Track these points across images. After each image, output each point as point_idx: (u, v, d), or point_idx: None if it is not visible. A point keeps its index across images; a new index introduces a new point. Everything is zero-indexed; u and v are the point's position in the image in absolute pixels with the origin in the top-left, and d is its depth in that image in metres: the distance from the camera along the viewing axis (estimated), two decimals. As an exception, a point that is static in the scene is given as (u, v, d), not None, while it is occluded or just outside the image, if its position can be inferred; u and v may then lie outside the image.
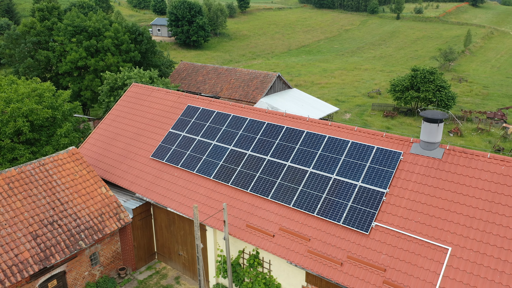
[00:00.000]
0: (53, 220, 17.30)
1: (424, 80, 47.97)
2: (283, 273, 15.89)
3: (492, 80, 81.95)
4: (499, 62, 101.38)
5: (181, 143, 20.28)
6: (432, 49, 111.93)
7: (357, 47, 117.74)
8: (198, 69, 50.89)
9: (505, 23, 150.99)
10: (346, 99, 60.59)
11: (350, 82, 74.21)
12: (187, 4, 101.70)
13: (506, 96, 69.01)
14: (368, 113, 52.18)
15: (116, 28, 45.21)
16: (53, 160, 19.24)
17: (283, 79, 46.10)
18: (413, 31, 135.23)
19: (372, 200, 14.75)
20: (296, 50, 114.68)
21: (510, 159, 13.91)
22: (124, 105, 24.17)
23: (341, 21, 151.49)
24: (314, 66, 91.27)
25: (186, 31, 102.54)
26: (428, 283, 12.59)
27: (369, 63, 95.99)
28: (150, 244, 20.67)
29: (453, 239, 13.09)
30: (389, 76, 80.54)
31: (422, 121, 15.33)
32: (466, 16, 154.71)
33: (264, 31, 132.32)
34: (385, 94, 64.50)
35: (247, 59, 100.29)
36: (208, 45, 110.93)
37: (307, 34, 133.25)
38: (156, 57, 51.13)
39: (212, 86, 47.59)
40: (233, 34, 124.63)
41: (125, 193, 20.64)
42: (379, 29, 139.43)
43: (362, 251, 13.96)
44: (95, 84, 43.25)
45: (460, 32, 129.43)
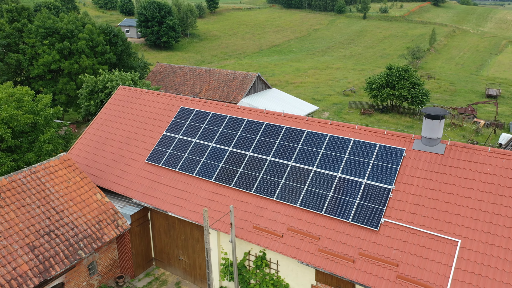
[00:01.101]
0: (49, 230, 16.59)
1: (399, 78, 49.24)
2: (291, 273, 15.89)
3: (458, 76, 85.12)
4: (463, 59, 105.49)
5: (177, 146, 19.92)
6: (399, 48, 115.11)
7: (327, 46, 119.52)
8: (175, 70, 50.18)
9: (465, 21, 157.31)
10: (322, 98, 61.38)
11: (324, 81, 75.21)
12: (157, 4, 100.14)
13: (472, 92, 71.84)
14: (346, 111, 53.04)
15: (90, 29, 43.96)
16: (45, 167, 18.46)
17: (263, 79, 46.19)
18: (380, 30, 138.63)
19: (379, 197, 14.99)
20: (267, 50, 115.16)
21: (509, 153, 14.47)
22: (112, 109, 23.49)
23: (310, 20, 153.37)
24: (287, 65, 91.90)
25: (156, 32, 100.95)
26: (441, 275, 12.92)
27: (340, 62, 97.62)
28: (148, 250, 20.20)
29: (462, 232, 13.49)
30: (361, 75, 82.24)
31: (423, 118, 15.70)
32: (429, 15, 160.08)
33: (234, 32, 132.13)
34: (359, 92, 65.79)
35: (219, 60, 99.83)
36: (179, 46, 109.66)
37: (277, 34, 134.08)
38: (132, 59, 50.10)
39: (191, 88, 47.06)
40: (203, 35, 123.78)
41: (120, 199, 20.08)
42: (347, 29, 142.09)
43: (373, 248, 14.16)
44: (70, 88, 41.89)
45: (424, 31, 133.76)
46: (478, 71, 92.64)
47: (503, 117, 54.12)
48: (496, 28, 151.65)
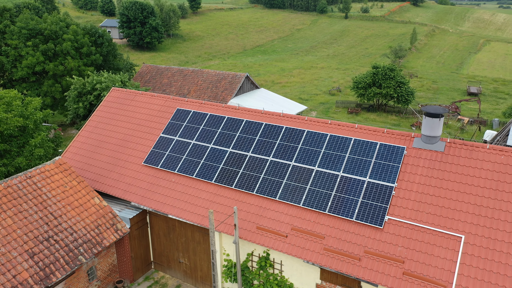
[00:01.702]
0: (48, 235, 16.24)
1: (385, 77, 49.91)
2: (295, 273, 15.94)
3: (439, 75, 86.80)
4: (443, 58, 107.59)
5: (175, 148, 19.75)
6: (381, 47, 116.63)
7: (310, 46, 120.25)
8: (162, 71, 49.72)
9: (444, 21, 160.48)
10: (309, 98, 61.75)
11: (309, 81, 75.67)
12: (139, 5, 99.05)
13: (454, 90, 73.33)
14: (333, 111, 53.48)
15: (74, 30, 43.18)
16: (40, 172, 18.07)
17: (251, 79, 46.17)
18: (362, 29, 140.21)
19: (382, 195, 15.16)
20: (251, 50, 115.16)
21: (507, 149, 14.83)
22: (105, 111, 23.13)
23: (292, 20, 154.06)
24: (272, 65, 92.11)
25: (139, 33, 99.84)
26: (446, 271, 13.15)
27: (324, 61, 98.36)
28: (147, 253, 19.97)
29: (465, 227, 13.76)
30: (345, 74, 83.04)
31: (423, 116, 15.96)
32: (409, 15, 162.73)
33: (217, 32, 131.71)
34: (345, 91, 66.42)
35: (204, 60, 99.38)
36: (162, 47, 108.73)
37: (260, 34, 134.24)
38: (117, 60, 49.43)
39: (178, 89, 46.71)
40: (186, 35, 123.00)
41: (118, 203, 19.79)
42: (329, 28, 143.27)
43: (378, 245, 14.31)
44: (55, 90, 41.06)
45: (405, 30, 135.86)
46: (458, 70, 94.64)
47: (485, 114, 55.43)
48: (473, 27, 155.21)
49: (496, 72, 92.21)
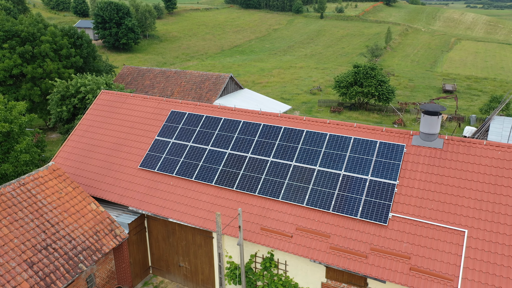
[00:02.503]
0: (46, 244, 15.74)
1: (366, 76, 50.69)
2: (300, 272, 15.99)
3: (415, 73, 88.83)
4: (417, 56, 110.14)
5: (171, 151, 19.49)
6: (357, 46, 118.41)
7: (287, 46, 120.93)
8: (144, 73, 48.99)
9: (416, 20, 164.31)
10: (291, 97, 62.08)
11: (289, 80, 76.09)
12: (114, 5, 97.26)
13: (430, 88, 75.19)
14: (316, 110, 53.96)
15: (52, 31, 42.05)
16: (34, 178, 17.50)
17: (235, 80, 46.09)
18: (337, 29, 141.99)
19: (384, 193, 15.40)
20: (229, 51, 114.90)
21: (504, 145, 15.32)
22: (96, 114, 22.61)
23: (269, 20, 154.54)
24: (251, 66, 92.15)
25: (114, 34, 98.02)
26: (452, 265, 13.47)
27: (302, 61, 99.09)
28: (145, 258, 19.63)
29: (467, 222, 14.13)
30: (324, 73, 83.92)
31: (421, 114, 16.29)
32: (382, 14, 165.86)
33: (194, 32, 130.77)
34: (325, 90, 67.12)
35: (182, 61, 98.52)
36: (138, 48, 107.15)
37: (237, 34, 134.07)
38: (97, 62, 48.41)
39: (161, 90, 46.13)
40: (163, 36, 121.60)
41: (114, 208, 19.38)
42: (305, 28, 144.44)
43: (384, 242, 14.53)
44: (34, 93, 39.85)
45: (379, 30, 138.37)
46: (433, 68, 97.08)
47: (461, 111, 57.07)
48: (444, 27, 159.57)
49: (468, 70, 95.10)
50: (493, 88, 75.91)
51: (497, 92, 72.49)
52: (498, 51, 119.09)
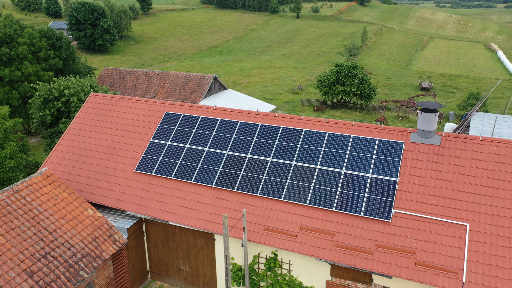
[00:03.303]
0: (45, 252, 15.28)
1: (348, 75, 51.36)
2: (305, 271, 16.07)
3: (392, 71, 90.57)
4: (393, 55, 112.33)
5: (168, 153, 19.24)
6: (334, 46, 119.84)
7: (265, 46, 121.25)
8: (125, 75, 48.19)
9: (389, 20, 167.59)
10: (273, 97, 62.27)
11: (270, 80, 76.30)
12: (89, 6, 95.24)
13: (407, 85, 76.81)
14: (299, 109, 54.32)
15: (30, 33, 40.83)
16: (27, 185, 16.96)
17: (219, 80, 45.91)
18: (314, 29, 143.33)
19: (386, 190, 15.64)
20: (207, 51, 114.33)
21: (499, 140, 15.81)
22: (86, 117, 22.08)
23: (245, 21, 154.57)
24: (230, 66, 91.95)
25: (90, 35, 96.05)
26: (456, 258, 13.81)
27: (281, 61, 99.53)
28: (143, 263, 19.31)
29: (468, 216, 14.51)
30: (304, 72, 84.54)
31: (419, 111, 16.61)
32: (357, 14, 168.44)
33: (171, 33, 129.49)
34: (306, 89, 67.64)
35: (160, 62, 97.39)
36: (115, 49, 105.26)
37: (214, 34, 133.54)
38: (76, 64, 47.30)
39: (144, 92, 45.48)
40: (139, 37, 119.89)
41: (111, 213, 18.98)
42: (282, 28, 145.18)
43: (388, 238, 14.76)
44: (12, 97, 38.59)
45: (355, 29, 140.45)
46: (408, 66, 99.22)
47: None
48: (417, 26, 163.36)
49: (442, 67, 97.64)
50: (467, 85, 78.16)
51: (471, 89, 74.68)
52: (469, 49, 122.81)
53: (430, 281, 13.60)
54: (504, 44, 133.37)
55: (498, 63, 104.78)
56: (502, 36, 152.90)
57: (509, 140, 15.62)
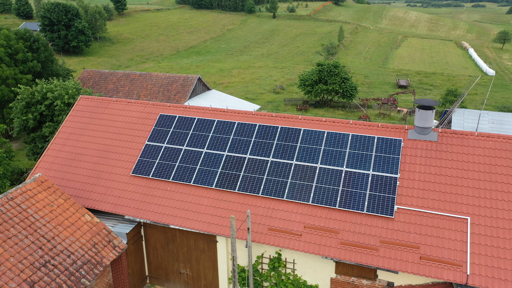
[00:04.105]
0: (45, 261, 14.81)
1: (330, 74, 51.90)
2: (309, 270, 16.15)
3: (369, 70, 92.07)
4: (369, 53, 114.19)
5: (165, 155, 18.96)
6: (311, 45, 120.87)
7: (243, 46, 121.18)
8: (106, 77, 47.24)
9: (364, 19, 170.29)
10: (255, 97, 62.30)
11: (251, 80, 76.31)
12: (62, 6, 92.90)
13: (385, 83, 78.25)
14: (283, 108, 54.53)
15: (6, 35, 39.51)
16: (22, 192, 16.39)
17: (203, 81, 45.60)
18: (290, 28, 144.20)
19: (388, 186, 15.88)
20: (185, 52, 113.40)
21: (493, 135, 16.28)
22: (76, 121, 21.52)
23: (222, 21, 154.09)
24: (209, 66, 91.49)
25: (64, 36, 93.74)
26: (459, 251, 14.15)
27: (260, 61, 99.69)
28: (142, 268, 18.98)
29: (468, 210, 14.89)
30: (284, 72, 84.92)
31: (416, 109, 16.94)
32: (332, 13, 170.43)
33: (147, 34, 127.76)
34: (288, 89, 67.97)
35: (137, 63, 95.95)
36: (90, 51, 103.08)
37: (191, 35, 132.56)
38: (55, 66, 46.09)
39: (127, 94, 44.69)
40: (114, 38, 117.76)
41: (108, 218, 18.57)
42: (259, 28, 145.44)
43: (392, 234, 14.99)
44: (-11, 101, 37.27)
45: (331, 29, 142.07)
46: (384, 64, 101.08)
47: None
48: (391, 25, 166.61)
49: (416, 65, 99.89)
50: (442, 82, 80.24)
51: (446, 86, 76.65)
52: (442, 47, 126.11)
53: (436, 274, 13.88)
54: (474, 42, 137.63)
55: (470, 60, 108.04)
56: (472, 34, 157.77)
57: (504, 135, 16.12)
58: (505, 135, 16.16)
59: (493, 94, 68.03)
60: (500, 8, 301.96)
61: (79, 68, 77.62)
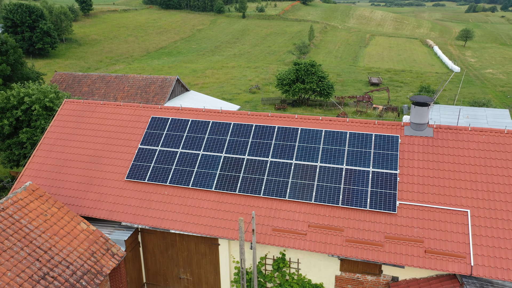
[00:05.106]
0: (43, 273, 14.14)
1: (307, 73, 52.36)
2: (314, 269, 16.18)
3: (341, 68, 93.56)
4: (339, 52, 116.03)
5: (160, 159, 18.52)
6: (282, 44, 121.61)
7: (214, 46, 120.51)
8: (80, 79, 45.80)
9: (332, 18, 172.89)
10: (232, 97, 62.06)
11: (225, 80, 75.97)
12: (26, 7, 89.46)
13: (357, 81, 79.73)
14: (261, 108, 54.56)
15: (-28, 37, 37.66)
16: (13, 201, 15.60)
17: (182, 82, 44.99)
18: (260, 28, 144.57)
19: (388, 182, 16.11)
20: (155, 53, 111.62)
21: (486, 129, 16.83)
22: (62, 126, 20.70)
23: (191, 21, 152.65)
24: (182, 67, 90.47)
25: (28, 38, 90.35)
26: (462, 243, 14.53)
27: (233, 61, 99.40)
28: (139, 275, 18.47)
29: (467, 202, 15.32)
30: (257, 72, 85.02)
31: (412, 105, 17.27)
32: (301, 13, 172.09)
33: (115, 35, 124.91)
34: (264, 88, 68.07)
35: (107, 65, 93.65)
36: (56, 53, 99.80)
37: (161, 35, 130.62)
38: (24, 69, 44.31)
39: (103, 97, 43.49)
40: (81, 39, 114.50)
41: (103, 225, 17.94)
42: (229, 28, 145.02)
43: (396, 229, 15.22)
44: (-43, 107, 35.29)
45: (300, 28, 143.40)
46: (355, 63, 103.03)
47: (391, 101, 61.33)
48: (358, 24, 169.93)
49: (386, 63, 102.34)
50: (411, 79, 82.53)
51: (415, 82, 78.88)
52: (408, 45, 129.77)
53: (441, 267, 14.20)
54: (438, 40, 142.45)
55: (435, 57, 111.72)
56: (435, 33, 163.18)
57: (495, 129, 16.68)
58: (497, 129, 16.73)
59: (459, 90, 70.56)
60: (459, 7, 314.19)
61: (47, 71, 74.90)
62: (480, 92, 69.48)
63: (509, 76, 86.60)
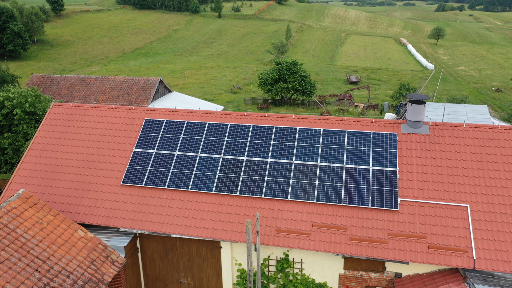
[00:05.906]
0: (44, 284, 13.62)
1: (289, 72, 52.54)
2: (317, 268, 16.20)
3: (319, 67, 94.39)
4: (316, 51, 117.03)
5: (157, 162, 18.16)
6: (259, 44, 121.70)
7: (191, 46, 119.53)
8: (58, 82, 44.55)
9: (307, 18, 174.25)
10: (213, 97, 61.67)
11: (205, 81, 75.43)
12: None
13: (336, 80, 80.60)
14: (244, 108, 54.41)
15: None
16: (7, 211, 14.97)
17: (164, 83, 44.38)
18: (237, 28, 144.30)
19: (389, 180, 16.29)
20: (131, 53, 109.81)
21: (480, 125, 17.24)
22: (51, 130, 20.03)
23: (166, 21, 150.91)
24: (160, 68, 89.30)
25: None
26: (463, 238, 14.83)
27: (211, 61, 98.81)
28: (138, 282, 18.06)
29: (467, 197, 15.65)
30: (237, 71, 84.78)
31: (408, 103, 17.52)
32: (277, 13, 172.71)
33: (88, 36, 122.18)
34: (245, 88, 67.92)
35: (82, 67, 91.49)
36: (28, 55, 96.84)
37: (136, 36, 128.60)
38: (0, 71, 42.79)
39: (83, 99, 42.45)
40: (54, 41, 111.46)
41: (100, 231, 17.44)
42: (206, 28, 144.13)
43: (399, 226, 15.41)
44: None
45: (277, 27, 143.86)
46: (332, 61, 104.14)
47: (371, 99, 62.26)
48: (333, 23, 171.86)
49: (362, 62, 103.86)
50: (388, 77, 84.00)
51: (392, 80, 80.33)
52: (383, 44, 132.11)
53: (445, 262, 14.46)
54: (411, 38, 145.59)
55: (409, 56, 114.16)
56: (408, 31, 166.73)
57: (489, 125, 17.11)
58: (490, 125, 17.17)
59: (435, 87, 72.34)
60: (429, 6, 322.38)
61: (20, 74, 72.50)
62: (455, 89, 71.39)
63: (481, 73, 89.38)
